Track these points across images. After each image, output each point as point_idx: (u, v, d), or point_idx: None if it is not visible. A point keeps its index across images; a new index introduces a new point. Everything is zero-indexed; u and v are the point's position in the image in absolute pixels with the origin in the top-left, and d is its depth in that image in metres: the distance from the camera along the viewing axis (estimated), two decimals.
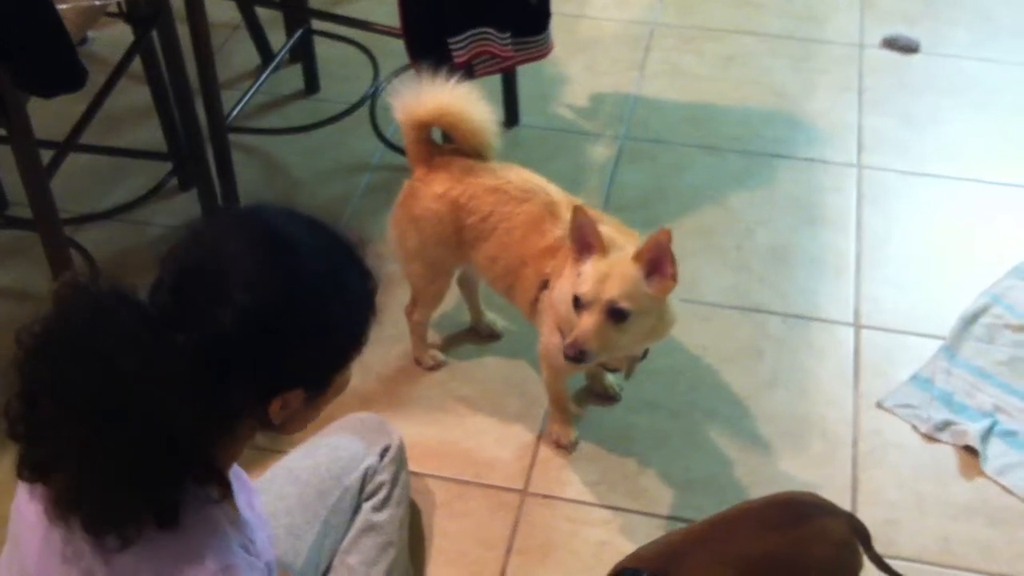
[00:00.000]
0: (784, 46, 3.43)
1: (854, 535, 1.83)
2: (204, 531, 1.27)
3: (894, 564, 1.89)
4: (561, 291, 2.00)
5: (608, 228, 1.98)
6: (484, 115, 2.16)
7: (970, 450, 2.25)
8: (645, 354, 2.10)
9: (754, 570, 1.75)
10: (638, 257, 1.87)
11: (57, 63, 2.07)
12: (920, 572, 2.05)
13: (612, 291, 1.84)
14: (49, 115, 2.37)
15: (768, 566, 1.75)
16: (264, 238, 1.28)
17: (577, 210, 1.93)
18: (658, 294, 1.87)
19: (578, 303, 1.88)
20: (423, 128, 2.19)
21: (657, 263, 1.86)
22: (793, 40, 3.45)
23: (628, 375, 2.16)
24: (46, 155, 2.27)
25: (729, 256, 2.72)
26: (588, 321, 1.85)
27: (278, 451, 2.04)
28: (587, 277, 1.87)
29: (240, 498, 1.39)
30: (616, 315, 1.84)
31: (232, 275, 1.23)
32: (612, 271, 1.86)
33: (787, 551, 1.76)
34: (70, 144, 2.43)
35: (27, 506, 1.33)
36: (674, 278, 1.87)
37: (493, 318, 2.52)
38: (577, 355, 1.84)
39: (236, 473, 1.43)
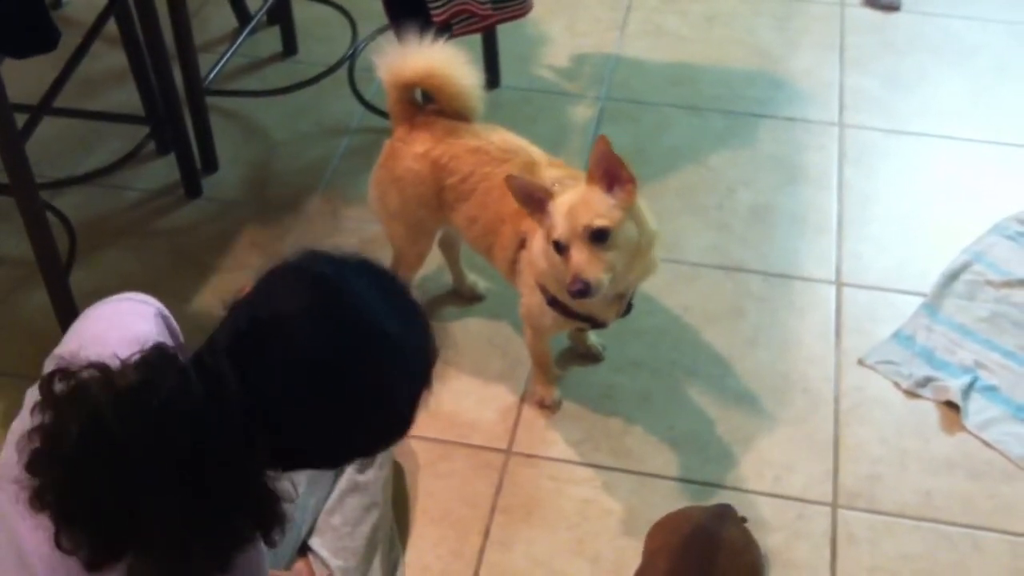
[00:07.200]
0: (766, 5, 3.41)
1: (745, 529, 1.86)
2: None
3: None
4: (537, 248, 2.00)
5: (555, 171, 2.02)
6: (470, 78, 2.15)
7: (951, 406, 2.26)
8: (629, 309, 2.09)
9: None
10: (591, 178, 1.88)
11: (29, 23, 2.04)
12: (902, 526, 2.06)
13: (583, 218, 1.84)
14: (23, 78, 2.34)
15: None
16: (341, 313, 1.21)
17: (508, 179, 1.94)
18: (625, 202, 1.87)
19: (560, 248, 1.88)
20: (407, 89, 2.17)
21: (610, 174, 1.87)
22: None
23: (625, 313, 2.12)
24: (20, 119, 2.24)
25: (711, 216, 2.72)
26: (577, 255, 1.84)
27: None
28: (556, 220, 1.88)
29: None
30: (598, 237, 1.84)
31: (297, 347, 1.17)
32: (575, 202, 1.87)
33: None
34: (45, 107, 2.40)
35: (28, 531, 1.24)
36: (631, 180, 1.87)
37: (475, 280, 2.52)
38: (583, 287, 1.82)
39: None
